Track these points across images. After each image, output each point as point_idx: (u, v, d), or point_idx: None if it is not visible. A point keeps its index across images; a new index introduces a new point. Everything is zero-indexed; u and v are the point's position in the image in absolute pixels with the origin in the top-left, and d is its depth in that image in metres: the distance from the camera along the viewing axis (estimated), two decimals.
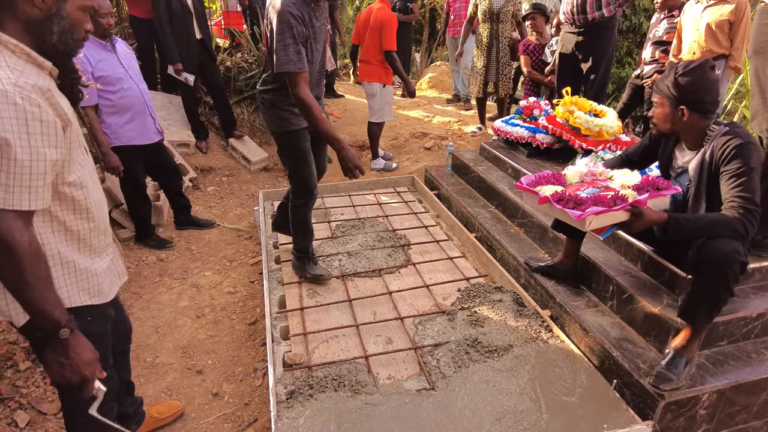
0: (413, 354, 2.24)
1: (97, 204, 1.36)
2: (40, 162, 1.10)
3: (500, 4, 4.80)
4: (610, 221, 1.92)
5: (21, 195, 1.08)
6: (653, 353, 2.10)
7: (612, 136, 3.48)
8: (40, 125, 1.09)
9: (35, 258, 1.10)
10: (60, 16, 1.18)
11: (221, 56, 5.67)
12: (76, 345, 1.19)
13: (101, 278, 1.38)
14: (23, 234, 1.08)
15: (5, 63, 1.10)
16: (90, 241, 1.34)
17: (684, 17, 3.79)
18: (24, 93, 1.08)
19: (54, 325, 1.15)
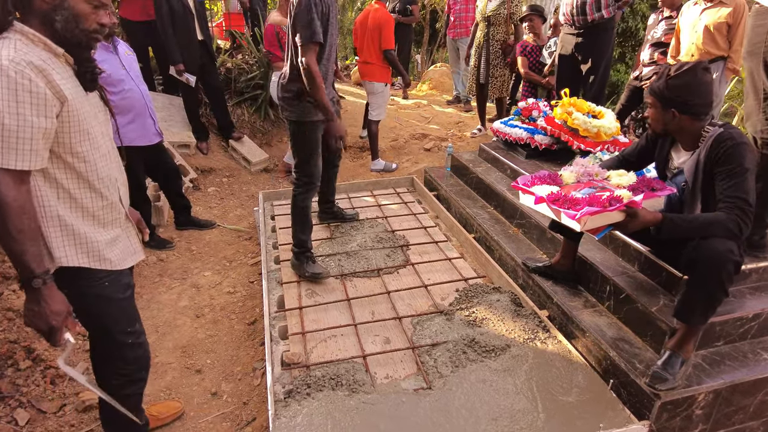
0: (411, 353, 2.25)
1: (104, 180, 1.47)
2: (26, 128, 1.24)
3: (493, 7, 4.84)
4: (605, 222, 1.93)
5: (8, 155, 1.23)
6: (650, 353, 2.11)
7: (610, 138, 3.49)
8: (29, 96, 1.23)
9: (19, 213, 1.25)
10: (62, 8, 1.30)
11: (222, 57, 5.70)
12: (48, 296, 1.32)
13: (102, 246, 1.48)
14: (10, 189, 1.23)
15: (14, 46, 1.26)
16: (92, 211, 1.46)
17: (682, 19, 3.80)
18: (18, 67, 1.22)
19: (29, 274, 1.29)
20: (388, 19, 4.51)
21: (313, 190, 2.78)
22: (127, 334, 1.62)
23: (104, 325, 1.57)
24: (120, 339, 1.60)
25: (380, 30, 4.48)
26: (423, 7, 10.22)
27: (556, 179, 2.22)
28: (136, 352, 1.67)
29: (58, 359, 1.44)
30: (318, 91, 2.45)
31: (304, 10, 2.38)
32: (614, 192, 1.95)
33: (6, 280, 2.68)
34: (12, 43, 1.26)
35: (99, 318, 1.56)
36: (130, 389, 1.70)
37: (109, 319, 1.57)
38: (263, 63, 5.52)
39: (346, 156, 5.41)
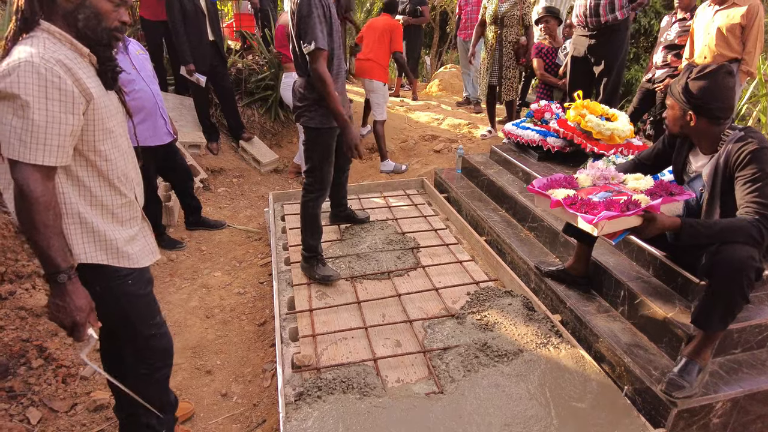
0: (422, 357, 2.24)
1: (123, 180, 1.49)
2: (55, 124, 1.25)
3: (505, 9, 4.80)
4: (623, 226, 1.91)
5: (37, 151, 1.24)
6: (665, 360, 2.08)
7: (624, 140, 3.45)
8: (58, 93, 1.25)
9: (46, 208, 1.26)
10: (84, 6, 1.32)
11: (233, 58, 5.71)
12: (72, 291, 1.34)
13: (121, 243, 1.49)
14: (38, 185, 1.25)
15: (43, 45, 1.28)
16: (111, 209, 1.47)
17: (696, 21, 3.76)
18: (48, 65, 1.24)
19: (54, 269, 1.31)
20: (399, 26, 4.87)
21: (323, 197, 2.74)
22: (151, 326, 1.65)
23: (130, 321, 1.59)
24: (145, 332, 1.63)
25: (392, 33, 4.75)
26: (433, 8, 10.21)
27: (572, 182, 2.19)
28: (160, 342, 1.70)
29: (80, 354, 1.46)
30: (330, 98, 2.42)
31: (306, 17, 2.33)
32: (632, 196, 1.92)
33: (19, 278, 2.69)
34: (41, 41, 1.28)
35: (125, 315, 1.57)
36: (158, 375, 1.74)
37: (136, 315, 1.59)
38: (274, 64, 5.53)
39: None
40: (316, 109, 2.55)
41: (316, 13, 2.32)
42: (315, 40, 2.33)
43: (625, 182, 2.15)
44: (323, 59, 2.38)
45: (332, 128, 2.60)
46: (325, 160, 2.67)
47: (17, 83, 1.21)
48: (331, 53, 2.50)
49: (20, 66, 1.22)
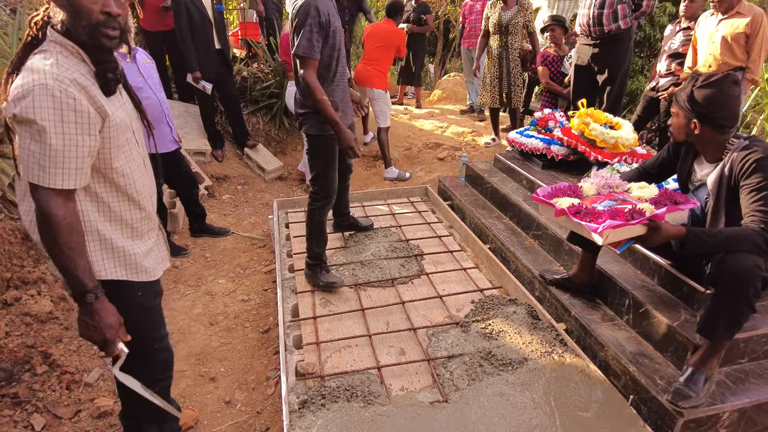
0: (426, 365, 2.23)
1: (141, 193, 1.48)
2: (72, 147, 1.23)
3: (509, 17, 4.82)
4: (627, 235, 1.91)
5: (56, 175, 1.23)
6: (671, 369, 2.06)
7: (628, 149, 3.45)
8: (74, 115, 1.23)
9: (69, 230, 1.26)
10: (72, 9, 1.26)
11: (238, 66, 5.75)
12: (101, 309, 1.34)
13: (140, 258, 1.50)
14: (59, 208, 1.24)
15: (56, 61, 1.25)
16: (131, 223, 1.47)
17: (699, 29, 3.77)
18: (62, 86, 1.21)
19: (82, 289, 1.31)
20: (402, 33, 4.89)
21: (329, 204, 2.75)
22: (156, 339, 1.65)
23: (138, 333, 1.57)
24: (150, 344, 1.63)
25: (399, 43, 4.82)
26: (437, 17, 10.27)
27: (577, 191, 2.19)
28: (162, 355, 1.70)
29: (113, 369, 1.47)
30: (321, 105, 2.43)
31: (301, 25, 2.36)
32: (636, 205, 1.92)
33: (24, 284, 2.70)
34: (53, 57, 1.25)
35: (135, 327, 1.56)
36: (158, 387, 1.72)
37: (143, 327, 1.59)
38: (278, 72, 5.57)
39: (359, 165, 5.43)
40: (315, 116, 2.56)
41: (310, 22, 2.34)
42: (304, 48, 2.37)
43: (630, 191, 2.15)
44: (312, 68, 2.41)
45: (332, 135, 2.59)
46: (329, 168, 2.67)
47: (32, 108, 1.18)
48: (329, 60, 2.51)
49: (34, 89, 1.19)
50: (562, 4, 5.99)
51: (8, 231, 2.72)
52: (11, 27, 3.85)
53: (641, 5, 3.86)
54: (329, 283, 2.77)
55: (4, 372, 2.25)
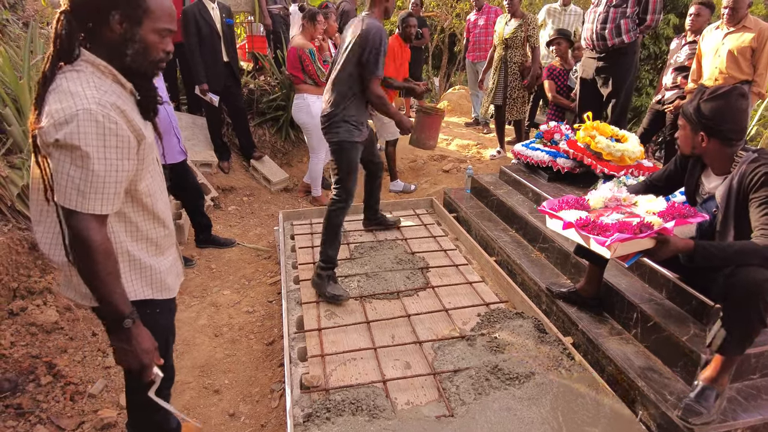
0: (432, 379, 2.21)
1: (163, 210, 1.47)
2: (112, 173, 1.23)
3: (510, 31, 4.88)
4: (635, 249, 1.89)
5: (95, 201, 1.21)
6: (680, 384, 2.03)
7: (634, 162, 3.44)
8: (115, 140, 1.22)
9: (107, 255, 1.25)
10: (134, 41, 1.27)
11: (245, 79, 5.81)
12: (138, 335, 1.33)
13: (165, 275, 1.49)
14: (97, 234, 1.23)
15: (93, 84, 1.23)
16: (156, 240, 1.46)
17: (703, 43, 3.78)
18: (105, 111, 1.20)
19: (119, 315, 1.29)
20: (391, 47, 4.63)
21: (348, 208, 2.87)
22: (169, 356, 1.65)
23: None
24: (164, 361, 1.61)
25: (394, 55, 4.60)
26: (442, 30, 10.36)
27: (584, 204, 2.19)
28: (170, 373, 1.69)
29: (149, 393, 1.45)
30: (388, 108, 2.90)
31: (376, 48, 2.65)
32: (644, 218, 1.91)
33: (30, 294, 2.71)
34: (88, 78, 1.23)
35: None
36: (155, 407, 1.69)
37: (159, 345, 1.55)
38: (285, 85, 5.62)
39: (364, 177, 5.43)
40: (340, 124, 2.78)
41: (383, 48, 2.67)
42: (379, 69, 2.69)
43: (637, 204, 2.13)
44: (378, 83, 2.76)
45: (354, 142, 2.81)
46: (351, 173, 2.84)
47: (77, 134, 1.16)
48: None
49: (78, 114, 1.16)
50: (567, 18, 6.03)
51: (15, 241, 2.74)
52: (24, 40, 3.91)
53: (645, 19, 3.88)
54: (335, 295, 2.77)
55: (9, 382, 2.24)
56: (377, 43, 2.66)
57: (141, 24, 1.26)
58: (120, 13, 1.23)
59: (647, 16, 3.87)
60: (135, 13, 1.24)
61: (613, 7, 3.87)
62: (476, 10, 6.31)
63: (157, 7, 1.27)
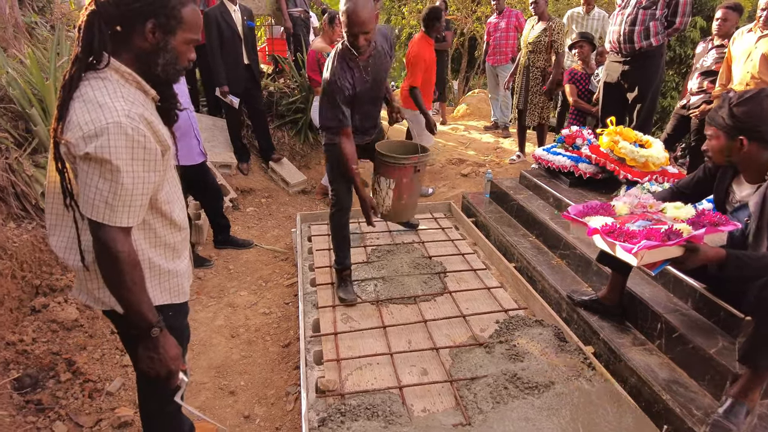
0: (449, 387, 2.17)
1: (179, 215, 1.47)
2: (140, 185, 1.22)
3: (534, 35, 4.84)
4: (663, 257, 1.83)
5: (122, 214, 1.21)
6: (708, 399, 1.96)
7: (659, 168, 3.36)
8: (143, 152, 1.21)
9: (133, 266, 1.25)
10: (166, 50, 1.26)
11: (265, 81, 5.85)
12: (165, 342, 1.33)
13: (182, 279, 1.49)
14: (124, 245, 1.23)
15: (120, 94, 1.21)
16: (174, 246, 1.45)
17: (734, 47, 3.67)
18: (134, 124, 1.18)
19: (147, 324, 1.29)
20: (418, 55, 4.42)
21: (343, 211, 2.82)
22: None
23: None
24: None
25: (409, 65, 4.49)
26: (462, 34, 10.32)
27: (609, 210, 2.13)
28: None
29: (175, 398, 1.46)
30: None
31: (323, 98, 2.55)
32: (673, 225, 1.85)
33: (52, 292, 2.75)
34: (115, 87, 1.22)
35: None
36: (169, 408, 1.67)
37: None
38: (304, 87, 5.64)
39: None
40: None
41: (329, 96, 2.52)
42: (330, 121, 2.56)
43: (664, 211, 2.07)
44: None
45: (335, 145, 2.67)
46: (336, 177, 2.74)
47: (108, 148, 1.14)
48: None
49: (109, 127, 1.14)
50: (590, 23, 5.93)
51: (39, 239, 2.78)
52: (50, 42, 3.99)
53: (674, 22, 3.79)
54: (341, 299, 2.81)
55: (30, 378, 2.27)
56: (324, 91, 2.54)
57: (174, 34, 1.25)
58: (155, 21, 1.21)
59: (676, 19, 3.78)
60: (170, 23, 1.23)
61: (642, 9, 3.79)
62: (497, 13, 6.26)
63: (190, 18, 1.27)
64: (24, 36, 4.15)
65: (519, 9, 8.06)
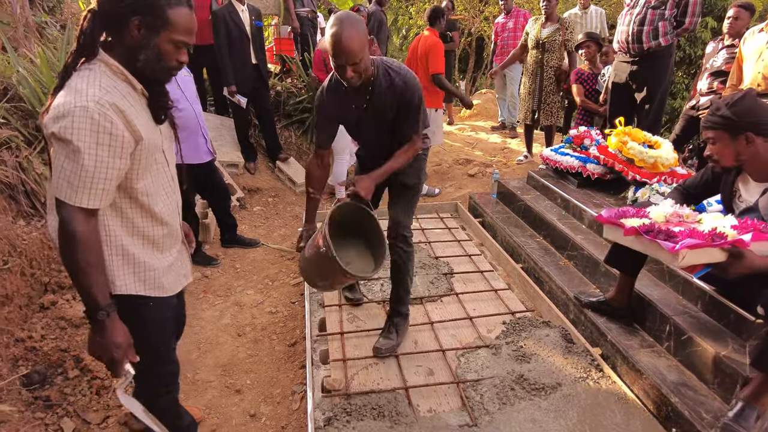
0: (455, 387, 2.16)
1: (165, 210, 1.48)
2: (102, 169, 1.26)
3: (547, 33, 4.80)
4: (706, 259, 1.78)
5: (83, 194, 1.26)
6: (717, 402, 1.94)
7: (667, 169, 3.34)
8: (109, 138, 1.25)
9: (89, 246, 1.29)
10: (148, 47, 1.31)
11: (272, 81, 5.86)
12: (112, 328, 1.35)
13: (160, 273, 1.50)
14: (81, 225, 1.27)
15: (99, 83, 1.27)
16: (153, 238, 1.47)
17: (745, 47, 3.63)
18: (102, 110, 1.23)
19: (95, 306, 1.32)
20: (436, 44, 4.43)
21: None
22: (167, 351, 1.65)
23: (149, 344, 1.58)
24: (160, 356, 1.63)
25: (427, 55, 4.46)
26: (469, 34, 10.29)
27: (644, 215, 2.10)
28: (171, 368, 1.69)
29: (116, 389, 1.46)
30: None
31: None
32: (716, 228, 1.79)
33: (61, 289, 2.77)
34: (96, 76, 1.28)
35: (144, 338, 1.55)
36: (163, 402, 1.72)
37: (152, 338, 1.58)
38: (311, 87, 5.65)
39: None
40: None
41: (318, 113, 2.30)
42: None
43: (702, 221, 1.99)
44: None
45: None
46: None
47: (71, 128, 1.21)
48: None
49: (75, 110, 1.21)
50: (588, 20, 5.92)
51: (48, 236, 2.80)
52: (60, 42, 4.02)
53: (683, 22, 3.76)
54: (347, 298, 2.83)
55: (39, 375, 2.29)
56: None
57: (158, 33, 1.30)
58: (140, 19, 1.27)
59: (686, 19, 3.75)
60: (154, 22, 1.28)
61: (651, 9, 3.76)
62: (505, 13, 6.24)
63: (178, 20, 1.30)
64: (34, 35, 4.19)
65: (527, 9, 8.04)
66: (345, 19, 1.91)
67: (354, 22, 1.91)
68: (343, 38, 1.88)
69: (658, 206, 2.14)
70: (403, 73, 2.13)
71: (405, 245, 2.43)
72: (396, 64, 2.15)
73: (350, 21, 1.91)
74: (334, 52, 1.93)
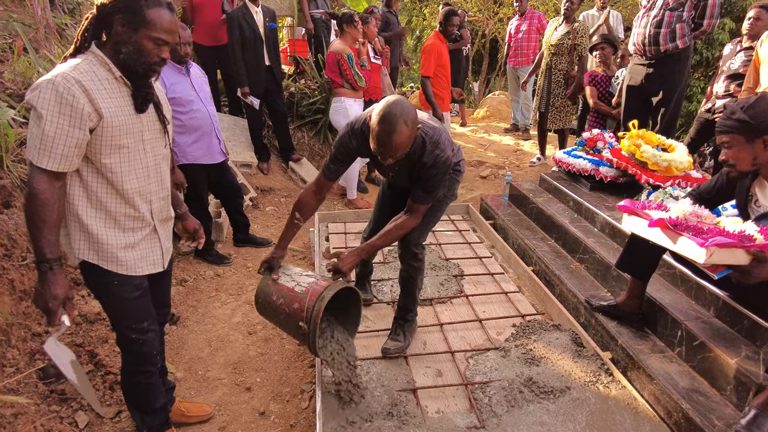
0: (463, 389, 2.16)
1: (135, 193, 1.62)
2: (62, 136, 1.43)
3: (557, 37, 4.79)
4: (731, 260, 1.75)
5: (43, 157, 1.44)
6: (729, 409, 1.92)
7: (682, 172, 3.30)
8: (69, 109, 1.42)
9: (45, 205, 1.45)
10: (129, 42, 1.49)
11: (286, 82, 5.90)
12: (51, 281, 1.50)
13: (115, 249, 1.63)
14: (41, 184, 1.45)
15: (77, 67, 1.46)
16: (114, 215, 1.62)
17: (762, 49, 3.58)
18: (66, 84, 1.42)
19: (41, 258, 1.48)
20: (430, 45, 4.38)
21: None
22: (132, 330, 1.75)
23: (113, 318, 1.77)
24: (125, 333, 1.76)
25: (422, 56, 4.46)
26: (483, 36, 10.27)
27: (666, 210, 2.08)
28: (140, 348, 1.79)
29: (49, 338, 1.64)
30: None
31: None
32: (745, 230, 1.76)
33: (77, 285, 2.82)
34: (77, 63, 1.48)
35: (109, 311, 1.77)
36: (136, 378, 1.87)
37: (117, 314, 1.75)
38: (325, 89, 5.68)
39: None
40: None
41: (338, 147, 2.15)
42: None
43: (720, 224, 1.95)
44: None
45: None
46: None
47: (38, 98, 1.41)
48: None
49: (43, 83, 1.41)
50: None
51: None
52: None
53: (702, 24, 3.71)
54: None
55: (54, 369, 2.34)
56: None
57: (137, 30, 1.47)
58: (122, 17, 1.47)
59: (704, 21, 3.70)
60: (133, 19, 1.47)
61: (668, 11, 3.72)
62: (519, 15, 6.22)
63: (156, 19, 1.47)
64: (54, 37, 4.27)
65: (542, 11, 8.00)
66: (399, 115, 1.75)
67: (406, 117, 1.77)
68: (393, 139, 1.76)
69: (678, 203, 2.12)
70: (435, 153, 1.99)
71: (414, 261, 2.36)
72: (435, 138, 1.99)
73: (404, 116, 1.76)
74: (379, 147, 1.80)
